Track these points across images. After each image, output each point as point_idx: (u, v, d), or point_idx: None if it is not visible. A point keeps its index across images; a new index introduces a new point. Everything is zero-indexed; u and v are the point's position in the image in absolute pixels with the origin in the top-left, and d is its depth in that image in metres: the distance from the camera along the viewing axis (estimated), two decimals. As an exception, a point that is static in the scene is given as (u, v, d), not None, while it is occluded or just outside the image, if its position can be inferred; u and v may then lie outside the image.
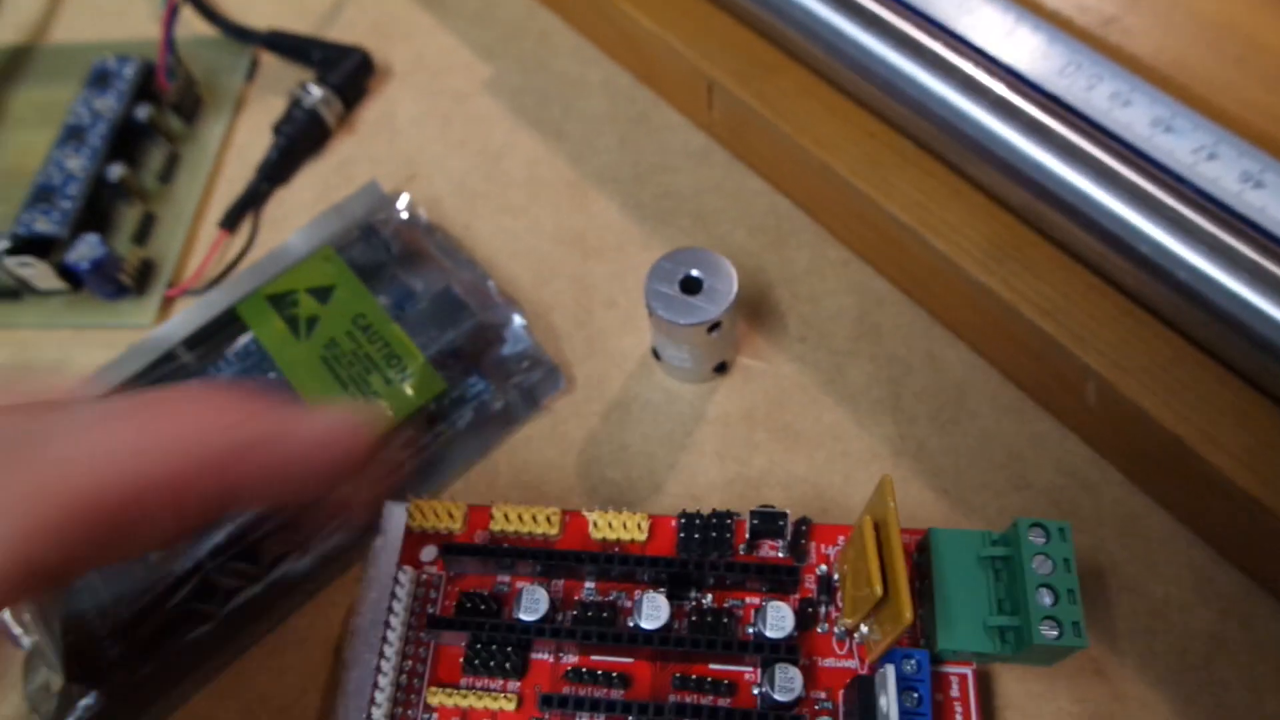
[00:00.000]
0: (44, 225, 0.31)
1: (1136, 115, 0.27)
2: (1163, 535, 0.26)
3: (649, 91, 0.35)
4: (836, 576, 0.24)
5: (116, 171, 0.32)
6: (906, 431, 0.27)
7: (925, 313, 0.29)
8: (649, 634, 0.22)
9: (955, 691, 0.22)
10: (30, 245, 0.31)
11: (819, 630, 0.23)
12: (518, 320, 0.29)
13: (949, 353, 0.29)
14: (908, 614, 0.19)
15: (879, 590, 0.20)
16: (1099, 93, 0.27)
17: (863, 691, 0.21)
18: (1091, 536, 0.26)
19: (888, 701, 0.20)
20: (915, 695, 0.21)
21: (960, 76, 0.27)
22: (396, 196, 0.32)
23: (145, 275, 0.32)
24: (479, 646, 0.23)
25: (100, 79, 0.34)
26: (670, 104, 0.35)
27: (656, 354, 0.29)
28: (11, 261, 0.30)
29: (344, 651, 0.25)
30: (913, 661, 0.21)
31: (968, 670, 0.23)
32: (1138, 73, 0.28)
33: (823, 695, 0.22)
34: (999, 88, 0.26)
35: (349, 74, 0.36)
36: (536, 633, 0.22)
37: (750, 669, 0.23)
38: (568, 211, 0.32)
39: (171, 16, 0.34)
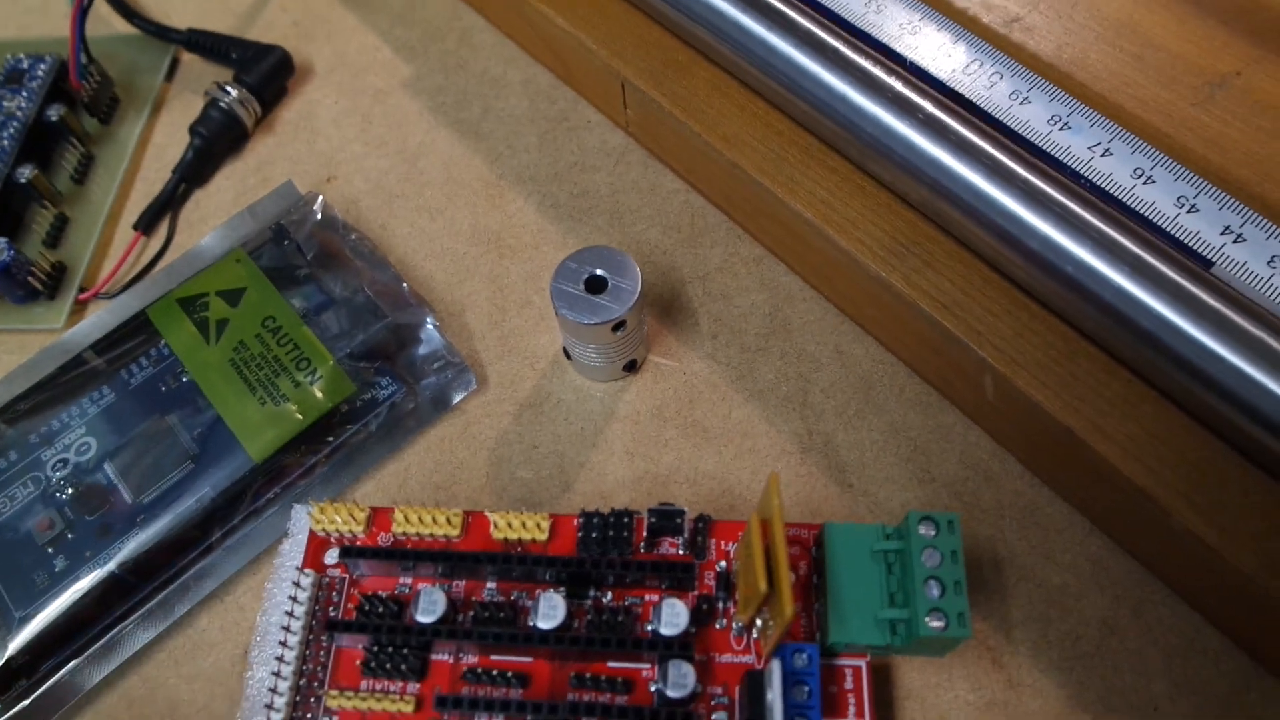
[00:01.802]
0: (-49, 230, 0.31)
1: (1035, 112, 0.27)
2: (1060, 525, 0.26)
3: (569, 91, 0.35)
4: (733, 573, 0.24)
5: (27, 173, 0.32)
6: (814, 427, 0.28)
7: (834, 308, 0.30)
8: (545, 634, 0.23)
9: (849, 684, 0.23)
10: (-64, 250, 0.30)
11: (717, 626, 0.23)
12: (430, 321, 0.29)
13: (857, 348, 0.29)
14: (789, 610, 0.19)
15: (763, 587, 0.20)
16: (999, 90, 0.28)
17: (752, 686, 0.21)
18: (992, 528, 0.26)
19: (774, 696, 0.20)
20: (805, 689, 0.21)
21: (858, 73, 0.27)
22: (312, 197, 0.32)
23: (57, 279, 0.32)
24: (378, 649, 0.23)
25: (12, 78, 0.34)
26: (589, 103, 0.35)
27: (567, 353, 0.29)
28: (-85, 267, 0.30)
29: (250, 652, 0.25)
30: (804, 655, 0.22)
31: (861, 663, 0.23)
32: (1039, 70, 0.28)
33: (719, 691, 0.23)
34: (897, 85, 0.27)
35: (267, 73, 0.35)
36: (434, 634, 0.23)
37: (647, 666, 0.23)
38: (484, 211, 0.32)
39: (81, 14, 0.34)
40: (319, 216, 0.31)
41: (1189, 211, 0.25)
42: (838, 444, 0.27)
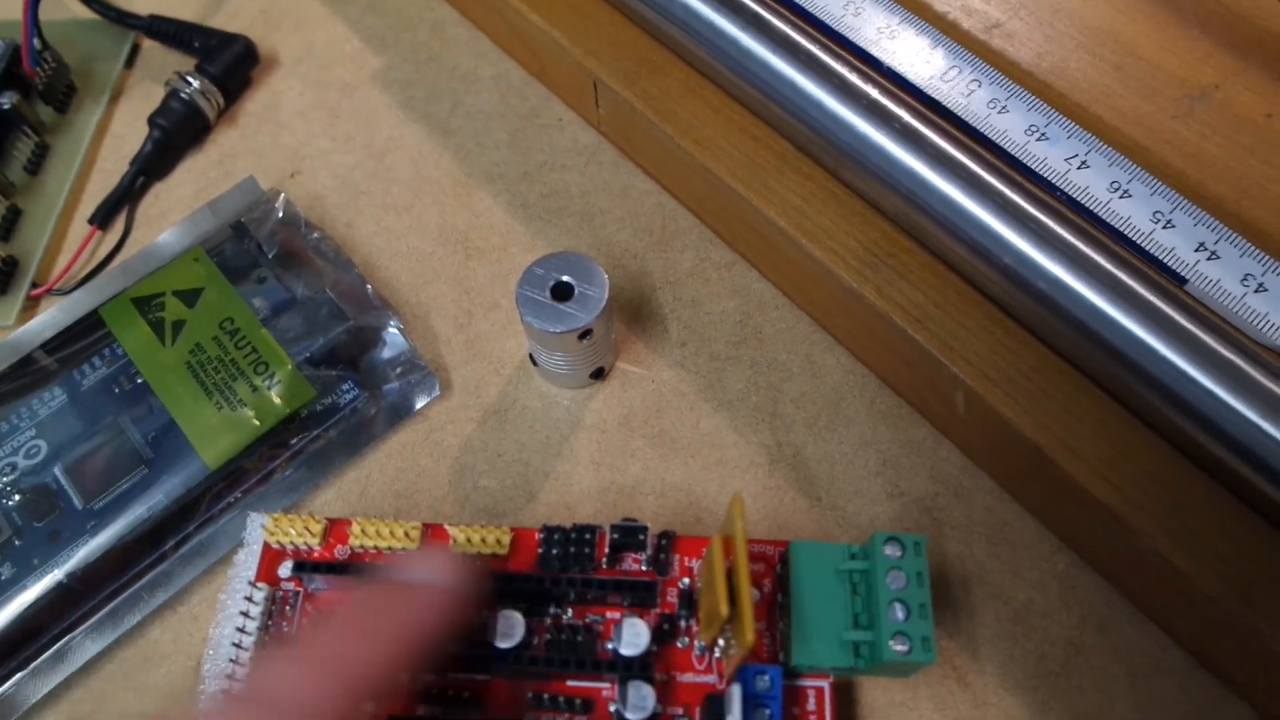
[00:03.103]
0: (-102, 222, 0.30)
1: (1012, 122, 0.27)
2: (1029, 541, 0.26)
3: (541, 88, 0.34)
4: (697, 591, 0.24)
5: (-23, 165, 0.31)
6: (784, 439, 0.27)
7: (806, 317, 0.29)
8: (504, 653, 0.22)
9: (811, 705, 0.22)
10: (-118, 243, 0.29)
11: (679, 645, 0.23)
12: (394, 324, 0.29)
13: (828, 358, 0.29)
14: (749, 636, 0.19)
15: (725, 611, 0.20)
16: (977, 98, 0.27)
17: (712, 710, 0.21)
18: (961, 544, 0.26)
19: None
20: (766, 712, 0.21)
21: (835, 79, 0.26)
22: (274, 194, 0.31)
23: (8, 273, 0.31)
24: (332, 665, 0.22)
25: (-37, 65, 0.33)
26: (561, 100, 0.34)
27: (533, 359, 0.28)
28: None
29: (203, 665, 0.24)
30: (765, 678, 0.21)
31: (824, 683, 0.23)
32: (1018, 78, 0.28)
33: (680, 711, 0.22)
34: (873, 92, 0.26)
35: (231, 63, 0.34)
36: (390, 652, 0.22)
37: (607, 685, 0.23)
38: (452, 210, 0.32)
39: (33, -1, 0.32)
40: (281, 214, 0.30)
41: (1165, 227, 0.25)
42: (807, 456, 0.27)
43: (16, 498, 0.26)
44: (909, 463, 0.27)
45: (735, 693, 0.20)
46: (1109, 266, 0.23)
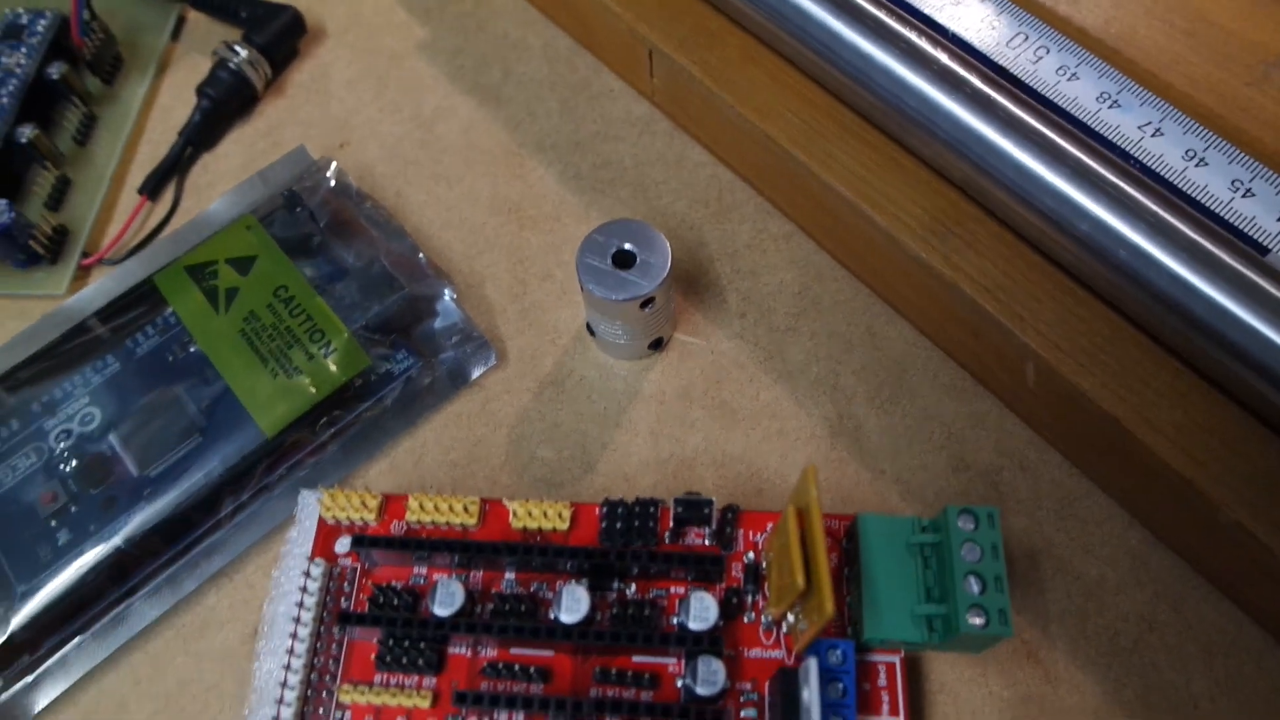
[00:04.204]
0: (-50, 190, 0.30)
1: (1083, 89, 0.26)
2: (1099, 517, 0.25)
3: (591, 57, 0.34)
4: (764, 565, 0.23)
5: (27, 133, 0.31)
6: (845, 410, 0.27)
7: (866, 289, 0.29)
8: (568, 628, 0.22)
9: (882, 680, 0.22)
10: (-66, 211, 0.29)
11: (745, 620, 0.23)
12: (448, 293, 0.28)
13: (890, 330, 0.28)
14: (829, 607, 0.19)
15: (801, 583, 0.19)
16: (1046, 65, 0.27)
17: (786, 684, 0.20)
18: (1028, 519, 0.25)
19: (810, 695, 0.20)
20: (840, 686, 0.21)
21: (902, 44, 0.26)
22: (325, 163, 0.31)
23: (59, 243, 0.31)
24: (392, 643, 0.22)
25: (10, 33, 0.33)
26: (612, 70, 0.33)
27: (591, 329, 0.28)
28: (-87, 227, 0.29)
29: (257, 641, 0.24)
30: (838, 652, 0.21)
31: (895, 658, 0.22)
32: (1086, 45, 0.27)
33: (748, 686, 0.22)
34: (942, 57, 0.25)
35: (278, 33, 0.34)
36: (451, 628, 0.22)
37: (674, 660, 0.22)
38: (504, 180, 0.31)
39: (83, -32, 0.32)
40: (332, 183, 0.30)
41: (1244, 195, 0.24)
42: (869, 429, 0.27)
43: (72, 464, 0.26)
44: (973, 436, 0.26)
45: (812, 665, 0.20)
46: (1191, 233, 0.22)
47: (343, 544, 0.24)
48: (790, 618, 0.22)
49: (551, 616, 0.22)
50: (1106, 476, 0.25)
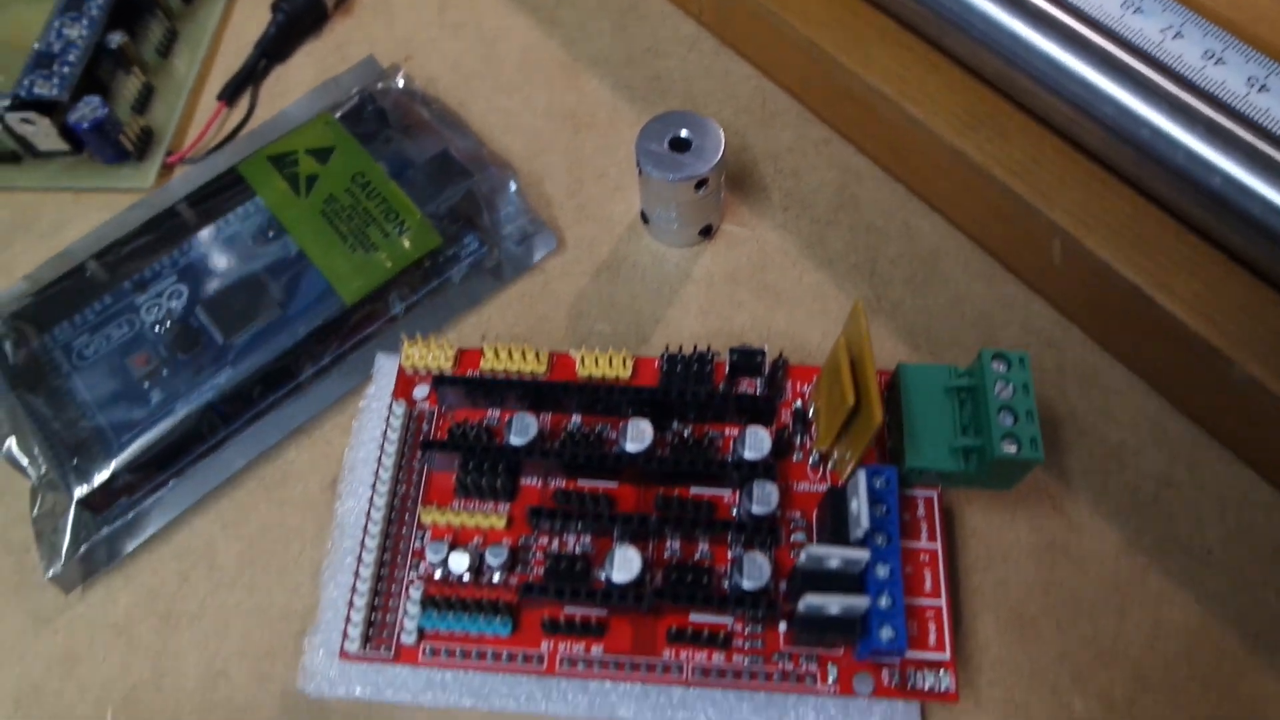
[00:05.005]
0: (44, 89, 0.32)
1: (1108, -5, 0.28)
2: (1120, 388, 0.27)
3: (639, -20, 0.36)
4: (811, 411, 0.25)
5: (117, 39, 0.33)
6: (882, 293, 0.29)
7: (902, 187, 0.31)
8: (633, 456, 0.24)
9: (921, 511, 0.24)
10: (31, 106, 0.31)
11: (794, 459, 0.25)
12: (512, 184, 0.30)
13: (924, 223, 0.30)
14: (878, 415, 0.20)
15: (851, 399, 0.21)
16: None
17: (835, 500, 0.22)
18: (1053, 389, 0.27)
19: (859, 504, 0.22)
20: (883, 507, 0.22)
21: (941, -51, 0.28)
22: (394, 69, 0.33)
23: (145, 141, 0.33)
24: (470, 466, 0.24)
25: (101, -47, 0.35)
26: (659, -8, 0.35)
27: (645, 217, 0.30)
28: (13, 118, 0.31)
29: (338, 484, 0.26)
30: (882, 478, 0.23)
31: (933, 493, 0.24)
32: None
33: (797, 515, 0.24)
34: (977, -40, 0.27)
35: (347, -42, 0.36)
36: (526, 454, 0.24)
37: (729, 492, 0.24)
38: (560, 91, 0.33)
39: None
40: (401, 85, 0.32)
41: (1259, 90, 0.26)
42: (905, 309, 0.28)
43: (162, 334, 0.28)
44: (1002, 316, 0.28)
45: (861, 476, 0.22)
46: (1210, 113, 0.24)
47: (421, 391, 0.26)
48: (835, 455, 0.24)
49: (618, 448, 0.24)
50: (1127, 349, 0.27)
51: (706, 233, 0.30)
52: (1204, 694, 0.23)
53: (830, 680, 0.22)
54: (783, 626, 0.23)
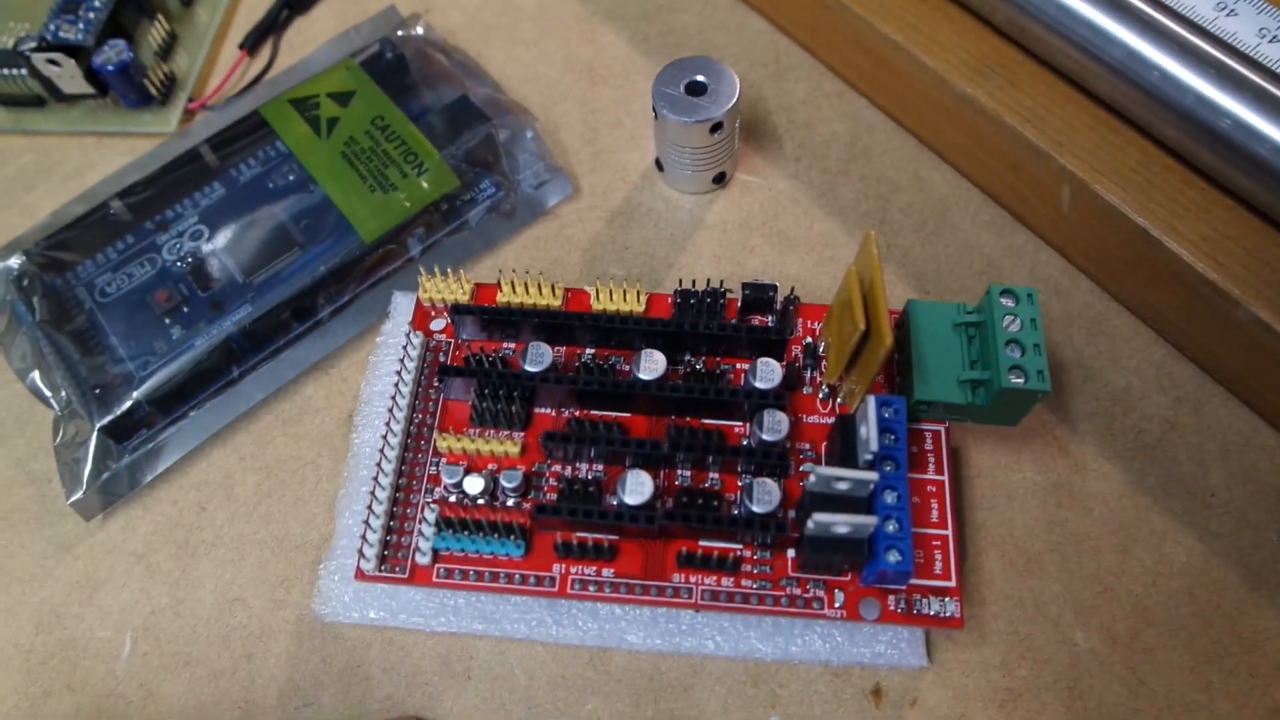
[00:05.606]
0: (70, 33, 0.32)
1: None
2: (1127, 334, 0.27)
3: (656, -61, 0.36)
4: (821, 346, 0.25)
5: (142, -14, 0.33)
6: (893, 241, 0.29)
7: (913, 138, 0.31)
8: (646, 385, 0.24)
9: (929, 445, 0.24)
10: (57, 49, 0.32)
11: (804, 392, 0.25)
12: (529, 130, 0.31)
13: (934, 174, 0.30)
14: (888, 339, 0.21)
15: (862, 323, 0.22)
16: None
17: (844, 428, 0.23)
18: (1060, 335, 0.28)
19: (867, 429, 0.22)
20: (892, 435, 0.23)
21: (957, -101, 0.28)
22: (414, 19, 0.33)
23: (169, 87, 0.33)
24: (486, 393, 0.24)
25: (126, -97, 0.35)
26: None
27: (660, 164, 0.30)
28: (40, 59, 0.31)
29: (355, 417, 0.27)
30: (891, 408, 0.23)
31: (940, 428, 0.24)
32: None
33: (806, 446, 0.24)
34: (992, -90, 0.28)
35: (367, -86, 0.37)
36: (541, 381, 0.24)
37: (740, 424, 0.24)
38: (576, 44, 0.34)
39: None
40: (420, 32, 0.33)
41: (1270, 41, 0.26)
42: (915, 256, 0.29)
43: (183, 271, 0.29)
44: (1010, 264, 0.29)
45: (871, 401, 0.22)
46: (1219, 55, 0.25)
47: (438, 324, 0.26)
48: (843, 389, 0.24)
49: (631, 377, 0.24)
50: (1134, 296, 0.28)
51: (720, 180, 0.30)
52: (1205, 629, 0.24)
53: (837, 605, 0.23)
54: (790, 553, 0.23)
